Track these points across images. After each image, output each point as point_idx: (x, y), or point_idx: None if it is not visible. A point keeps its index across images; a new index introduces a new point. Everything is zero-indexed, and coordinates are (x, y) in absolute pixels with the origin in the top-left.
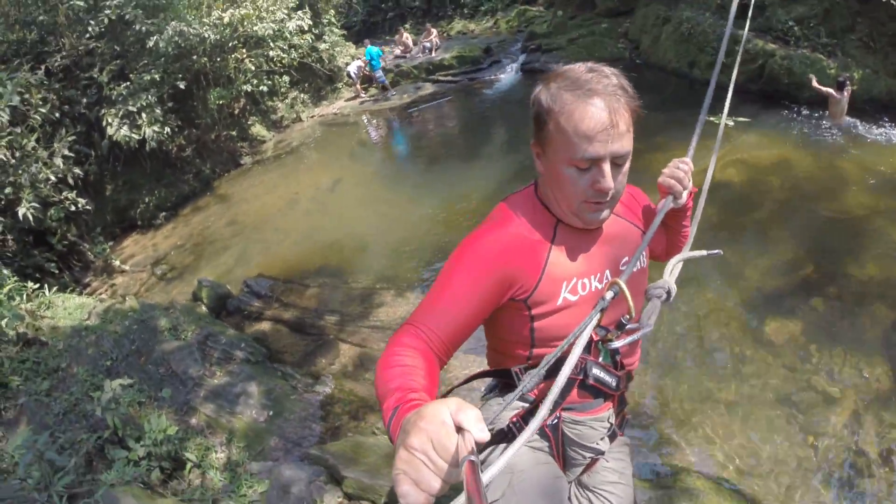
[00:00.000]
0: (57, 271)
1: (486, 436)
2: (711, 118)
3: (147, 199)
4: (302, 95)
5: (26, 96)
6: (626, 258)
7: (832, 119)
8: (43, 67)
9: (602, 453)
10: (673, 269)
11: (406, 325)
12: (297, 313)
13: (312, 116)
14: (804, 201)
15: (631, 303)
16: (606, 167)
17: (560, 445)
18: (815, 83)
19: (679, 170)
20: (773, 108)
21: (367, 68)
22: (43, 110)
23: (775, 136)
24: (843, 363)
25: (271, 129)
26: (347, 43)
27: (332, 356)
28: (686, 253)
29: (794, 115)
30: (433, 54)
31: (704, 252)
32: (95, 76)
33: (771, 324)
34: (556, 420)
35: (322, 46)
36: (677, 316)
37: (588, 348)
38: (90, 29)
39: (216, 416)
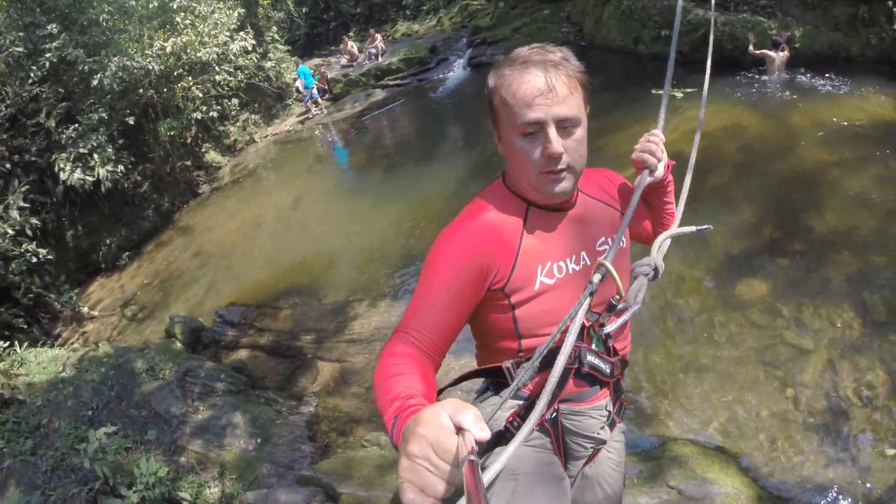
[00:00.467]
0: (25, 326)
1: (486, 434)
2: (659, 91)
3: (108, 241)
4: (253, 116)
5: None
6: (603, 238)
7: (769, 75)
8: None
9: (604, 442)
10: (661, 246)
11: (395, 333)
12: (272, 337)
13: (266, 136)
14: (760, 162)
15: (620, 283)
16: (552, 131)
17: (561, 439)
18: (751, 49)
19: (650, 142)
20: (719, 76)
21: (303, 87)
22: None
23: (724, 101)
24: (814, 315)
25: (226, 155)
26: (293, 58)
27: (313, 375)
28: (674, 229)
29: (741, 80)
30: (380, 60)
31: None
32: (42, 122)
33: (739, 286)
34: (554, 413)
35: (268, 65)
36: (647, 287)
37: (581, 335)
38: (32, 74)
39: (205, 451)
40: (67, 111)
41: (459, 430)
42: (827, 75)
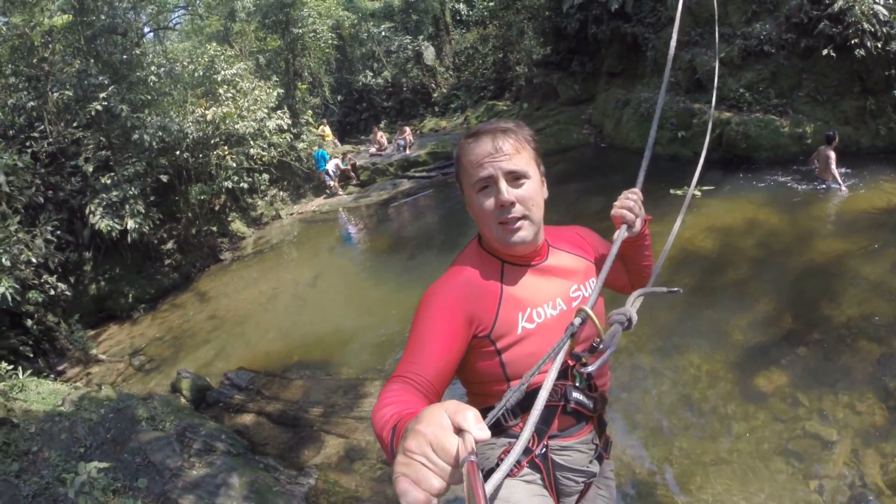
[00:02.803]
0: (31, 355)
1: (486, 435)
2: (677, 191)
3: (126, 291)
4: (281, 193)
5: (12, 178)
6: (577, 286)
7: (820, 178)
8: (30, 151)
9: (594, 475)
10: (634, 302)
11: (391, 379)
12: (279, 406)
13: (292, 214)
14: (776, 256)
15: (600, 327)
16: (502, 184)
17: (552, 475)
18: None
19: (628, 199)
20: (733, 173)
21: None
22: (28, 192)
23: (739, 199)
24: (835, 404)
25: (251, 226)
26: (327, 139)
27: (317, 448)
28: (647, 288)
29: (753, 177)
30: (408, 151)
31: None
32: (81, 165)
33: (759, 378)
34: (544, 449)
35: (300, 145)
36: (665, 382)
37: (565, 375)
38: (78, 119)
39: None
40: (106, 159)
41: (459, 430)
42: (840, 169)
